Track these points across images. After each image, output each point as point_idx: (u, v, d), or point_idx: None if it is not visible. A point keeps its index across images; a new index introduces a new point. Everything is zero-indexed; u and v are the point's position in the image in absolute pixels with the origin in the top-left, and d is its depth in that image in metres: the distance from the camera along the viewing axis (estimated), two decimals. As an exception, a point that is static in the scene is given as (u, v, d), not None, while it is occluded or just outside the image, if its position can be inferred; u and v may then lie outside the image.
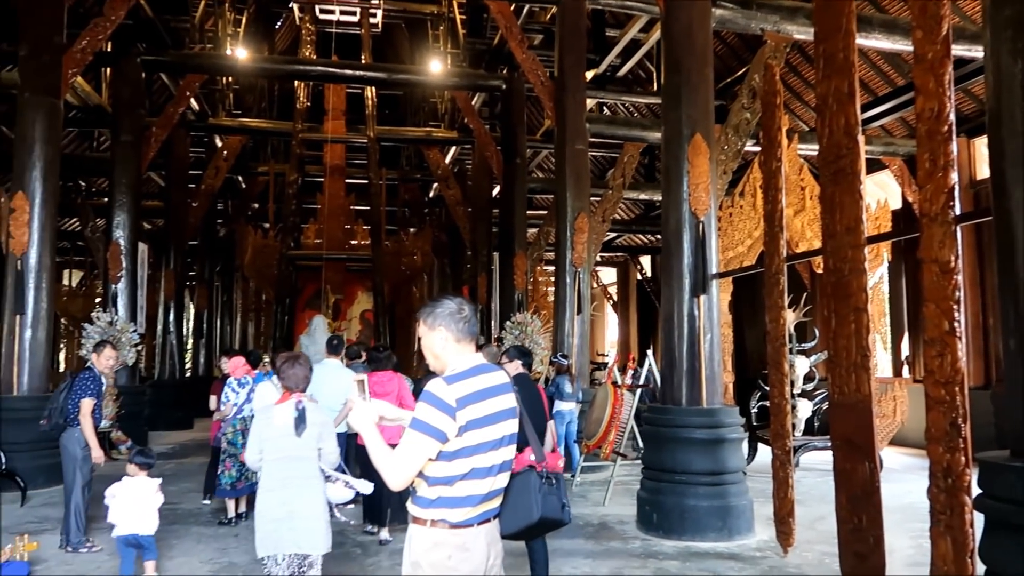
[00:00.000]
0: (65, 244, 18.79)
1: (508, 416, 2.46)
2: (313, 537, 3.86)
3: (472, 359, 2.48)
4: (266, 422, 3.99)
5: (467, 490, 2.37)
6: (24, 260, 8.84)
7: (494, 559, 2.46)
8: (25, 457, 8.13)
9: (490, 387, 2.43)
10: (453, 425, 2.33)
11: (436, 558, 2.37)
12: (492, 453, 2.39)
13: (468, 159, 19.86)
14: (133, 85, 12.47)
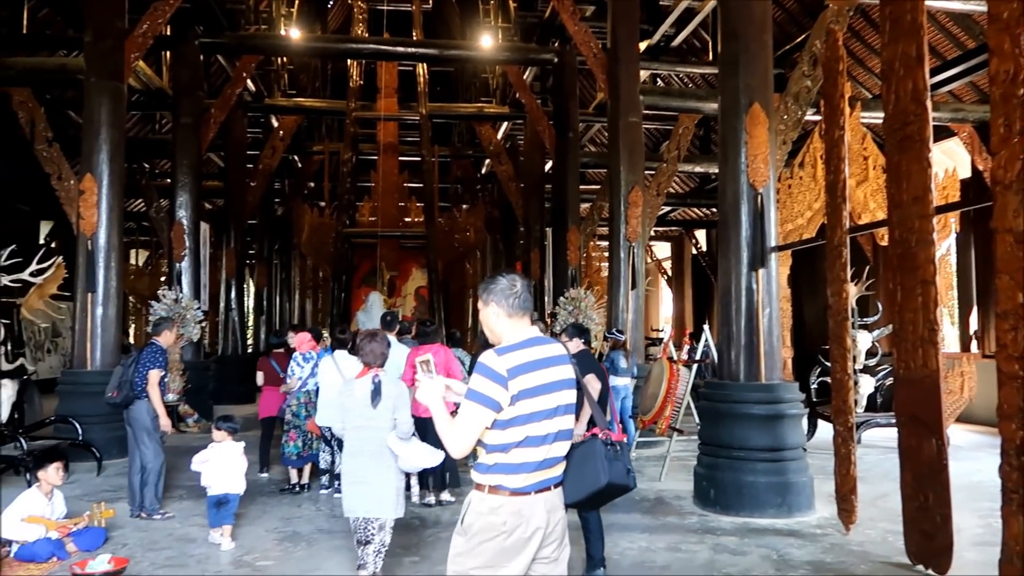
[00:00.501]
0: (131, 225, 19.36)
1: (564, 387, 2.53)
2: (382, 503, 4.13)
3: (525, 332, 2.56)
4: (348, 393, 4.28)
5: (522, 457, 2.45)
6: (94, 240, 9.16)
7: (552, 527, 2.50)
8: (99, 429, 8.49)
9: (543, 358, 2.51)
10: (505, 394, 2.41)
11: (492, 522, 2.44)
12: (547, 422, 2.47)
13: (520, 134, 19.77)
14: (192, 68, 12.73)
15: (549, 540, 2.51)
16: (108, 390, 6.10)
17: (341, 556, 5.15)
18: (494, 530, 2.43)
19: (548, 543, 2.51)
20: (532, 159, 17.08)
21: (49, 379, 13.24)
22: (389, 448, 4.11)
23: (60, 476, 5.53)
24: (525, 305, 2.58)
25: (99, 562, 4.18)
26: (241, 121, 16.23)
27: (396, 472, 4.19)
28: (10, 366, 7.88)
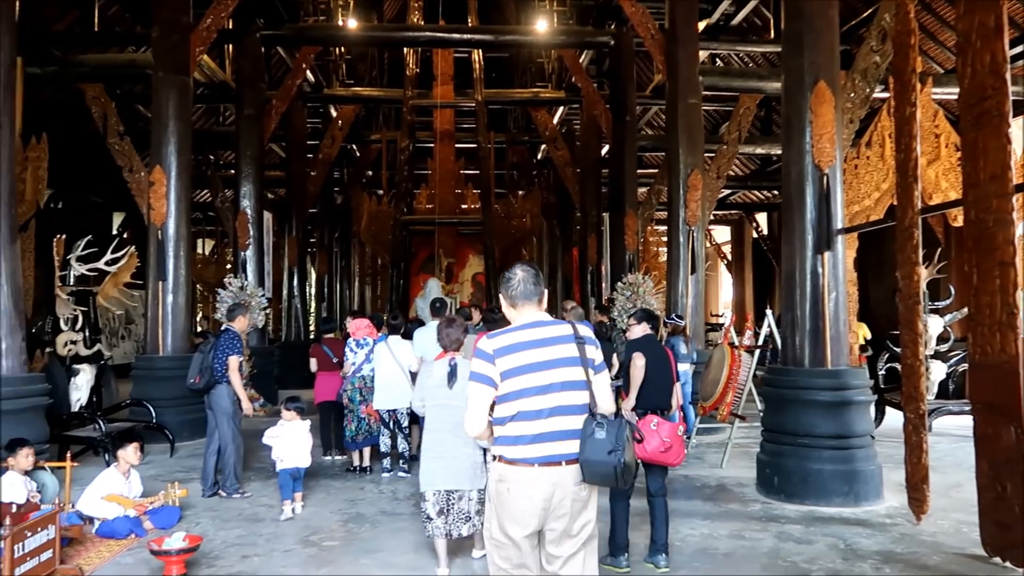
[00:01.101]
0: (198, 215, 19.92)
1: (561, 364, 2.75)
2: (461, 475, 4.44)
3: (528, 316, 2.85)
4: (427, 374, 4.70)
5: (518, 430, 2.72)
6: (164, 230, 9.47)
7: (559, 501, 2.70)
8: (171, 412, 8.81)
9: (535, 339, 2.77)
10: (495, 370, 2.73)
11: (499, 489, 2.76)
12: (539, 397, 2.71)
13: (576, 119, 19.61)
14: (254, 60, 12.99)
15: (556, 513, 2.70)
16: (189, 376, 6.35)
17: (403, 538, 5.24)
18: (500, 496, 2.74)
19: (556, 516, 2.70)
20: (588, 143, 16.94)
21: (123, 364, 13.79)
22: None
23: (137, 456, 5.75)
24: (526, 293, 2.83)
25: (175, 539, 4.33)
26: (301, 112, 16.52)
27: (474, 447, 4.41)
28: (88, 352, 8.22)
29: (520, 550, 2.74)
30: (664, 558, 4.59)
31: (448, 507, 4.46)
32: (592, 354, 2.81)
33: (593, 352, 2.81)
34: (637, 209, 13.74)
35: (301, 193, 16.36)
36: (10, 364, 6.19)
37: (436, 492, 4.46)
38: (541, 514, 2.71)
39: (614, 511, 4.58)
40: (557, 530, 2.73)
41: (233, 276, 11.71)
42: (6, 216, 6.26)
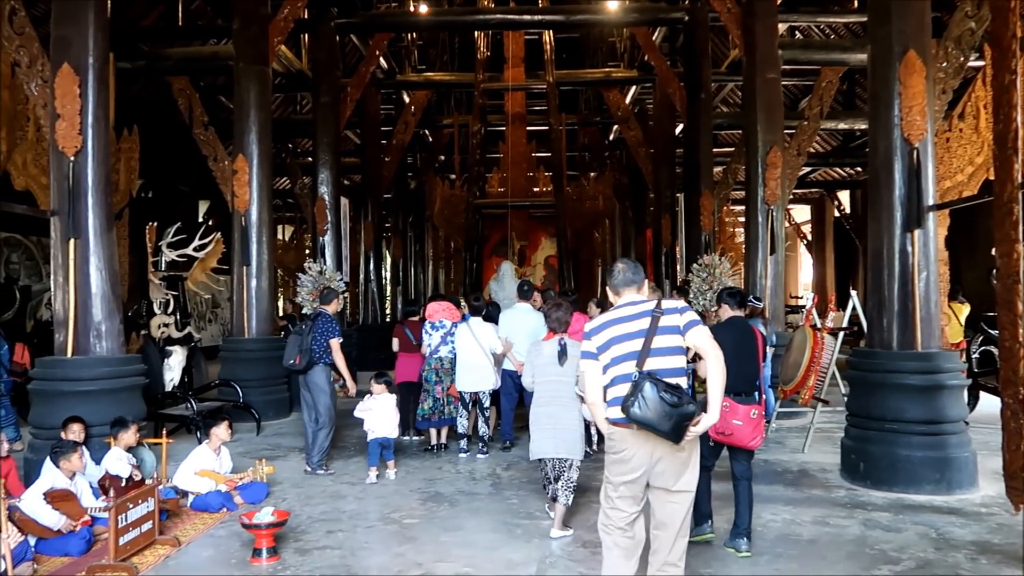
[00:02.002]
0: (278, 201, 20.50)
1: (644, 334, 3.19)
2: (570, 445, 4.88)
3: (625, 299, 3.36)
4: (537, 353, 5.14)
5: (616, 393, 3.18)
6: (247, 216, 9.78)
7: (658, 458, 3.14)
8: (257, 392, 9.14)
9: (623, 316, 3.28)
10: (592, 345, 3.29)
11: (610, 444, 3.27)
12: (628, 363, 3.18)
13: (649, 98, 19.27)
14: (329, 49, 13.22)
15: (657, 470, 3.16)
16: (288, 357, 6.60)
17: (481, 517, 5.31)
18: (611, 450, 3.25)
19: (657, 473, 3.17)
20: (662, 123, 16.64)
21: (211, 346, 14.38)
22: (574, 398, 4.87)
23: (228, 434, 5.99)
24: (625, 281, 3.37)
25: (264, 514, 4.51)
26: (375, 98, 16.76)
27: (580, 419, 4.92)
28: (180, 334, 8.60)
29: (624, 501, 3.22)
30: (746, 542, 4.53)
31: (559, 474, 4.88)
32: (674, 320, 3.21)
33: (675, 319, 3.21)
34: (713, 189, 13.45)
35: (376, 179, 16.62)
36: (109, 345, 6.52)
37: (551, 460, 4.93)
38: (644, 469, 3.16)
39: (741, 494, 4.64)
40: (660, 486, 3.18)
41: (312, 261, 12.02)
42: (103, 205, 6.57)
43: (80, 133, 6.41)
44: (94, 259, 6.46)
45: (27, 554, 4.29)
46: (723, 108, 20.40)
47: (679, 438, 3.06)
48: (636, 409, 3.01)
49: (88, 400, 6.20)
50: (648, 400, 3.00)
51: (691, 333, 3.21)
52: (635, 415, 3.02)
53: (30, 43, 7.00)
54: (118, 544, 4.28)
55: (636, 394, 3.02)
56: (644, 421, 3.03)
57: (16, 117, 9.24)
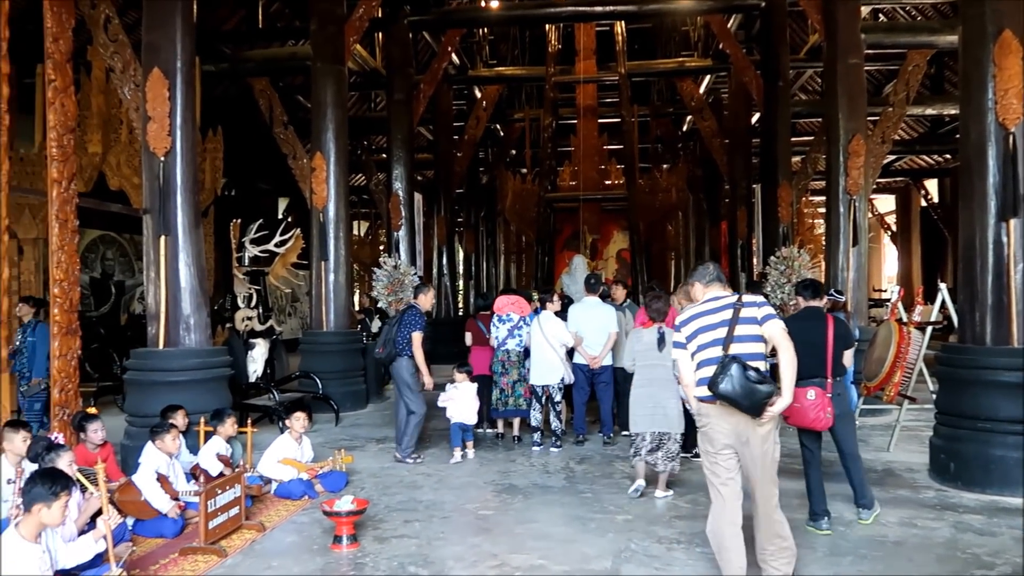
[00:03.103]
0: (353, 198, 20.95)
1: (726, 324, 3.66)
2: (669, 420, 5.55)
3: (711, 295, 3.86)
4: (637, 339, 5.85)
5: (701, 375, 3.68)
6: (324, 213, 10.04)
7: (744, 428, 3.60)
8: (335, 384, 9.39)
9: (707, 310, 3.78)
10: (682, 336, 3.81)
11: (700, 421, 3.78)
12: (711, 349, 3.67)
13: (724, 87, 18.88)
14: (402, 46, 13.42)
15: (742, 439, 3.62)
16: (377, 346, 6.90)
17: (555, 510, 5.33)
18: (701, 424, 3.76)
19: (742, 442, 3.63)
20: (737, 112, 16.28)
21: (290, 339, 14.81)
22: (671, 380, 5.41)
23: (304, 424, 6.16)
24: (709, 278, 3.91)
25: (344, 502, 4.63)
26: (447, 94, 16.93)
27: (677, 398, 5.46)
28: (262, 327, 8.89)
29: (720, 464, 3.71)
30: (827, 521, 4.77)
31: (659, 446, 5.55)
32: (753, 312, 3.67)
33: (754, 311, 3.67)
34: (791, 179, 13.07)
35: (448, 174, 16.80)
36: (197, 338, 6.80)
37: (652, 434, 5.55)
38: (731, 439, 3.65)
39: (809, 476, 4.85)
40: (746, 454, 3.66)
41: (387, 255, 12.23)
42: (190, 203, 6.84)
43: (169, 134, 6.67)
44: (183, 255, 6.74)
45: (125, 535, 4.52)
46: (801, 96, 19.81)
47: (759, 413, 3.53)
48: (724, 386, 3.48)
49: (178, 390, 6.47)
50: (734, 379, 3.47)
51: (767, 325, 3.67)
52: (723, 391, 3.49)
53: (123, 49, 7.35)
54: (208, 528, 4.47)
55: (724, 373, 3.49)
56: (730, 396, 3.49)
57: (110, 121, 9.73)
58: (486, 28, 17.57)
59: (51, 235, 6.05)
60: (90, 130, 9.42)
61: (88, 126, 9.32)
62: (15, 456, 4.61)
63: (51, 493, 3.32)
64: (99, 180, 9.86)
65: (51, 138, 6.05)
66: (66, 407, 5.98)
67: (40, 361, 7.29)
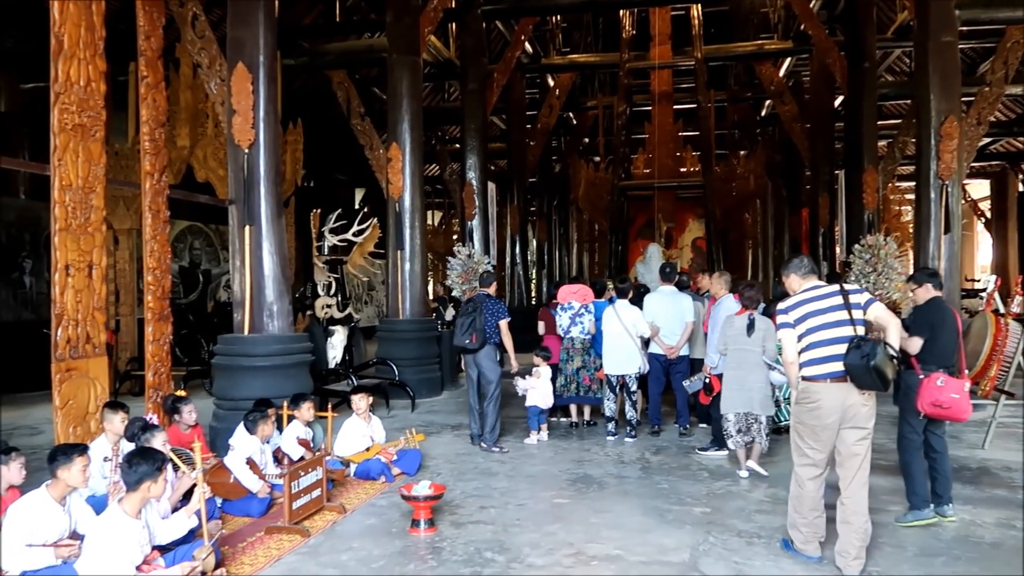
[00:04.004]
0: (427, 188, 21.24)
1: (831, 310, 4.00)
2: (758, 402, 5.84)
3: (808, 284, 4.18)
4: (729, 325, 6.01)
5: (810, 355, 4.01)
6: (400, 202, 10.19)
7: (848, 405, 3.90)
8: (411, 371, 9.54)
9: (812, 297, 4.09)
10: (790, 318, 4.10)
11: (800, 398, 4.07)
12: (822, 332, 3.98)
13: (805, 70, 18.28)
14: (476, 36, 13.45)
15: (849, 415, 3.91)
16: (463, 337, 6.81)
17: (631, 501, 5.28)
18: (804, 401, 4.03)
19: (851, 418, 3.91)
20: (819, 96, 15.75)
21: (366, 327, 15.12)
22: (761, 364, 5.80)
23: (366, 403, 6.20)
24: (806, 270, 4.24)
25: (422, 487, 4.69)
26: (520, 83, 16.93)
27: (766, 381, 5.83)
28: (341, 314, 9.10)
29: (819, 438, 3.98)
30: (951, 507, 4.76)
31: (747, 427, 5.87)
32: (856, 299, 4.00)
33: (857, 298, 4.00)
34: (877, 164, 12.58)
35: (521, 163, 16.81)
36: (280, 324, 7.01)
37: (736, 414, 5.86)
38: (837, 415, 3.90)
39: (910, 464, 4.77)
40: (852, 426, 3.91)
41: (461, 245, 12.34)
42: (273, 194, 7.04)
43: (253, 127, 6.88)
44: (266, 244, 6.94)
45: (214, 513, 4.70)
46: (888, 77, 18.98)
47: (887, 387, 3.86)
48: (877, 359, 3.72)
49: (262, 375, 6.70)
50: (878, 354, 3.73)
51: (871, 309, 4.00)
52: (875, 363, 3.72)
53: (209, 45, 7.61)
54: (292, 508, 4.61)
55: (852, 352, 3.80)
56: (856, 371, 3.78)
57: (197, 115, 10.11)
58: (559, 15, 17.44)
59: (144, 225, 6.33)
60: (179, 125, 9.81)
61: (177, 121, 9.71)
62: (113, 435, 4.86)
63: (155, 469, 3.49)
64: (187, 172, 10.27)
65: (144, 132, 6.32)
66: (159, 389, 6.26)
67: None
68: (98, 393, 5.44)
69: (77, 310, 5.32)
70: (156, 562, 3.63)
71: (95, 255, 5.47)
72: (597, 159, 20.51)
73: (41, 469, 4.61)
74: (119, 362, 10.47)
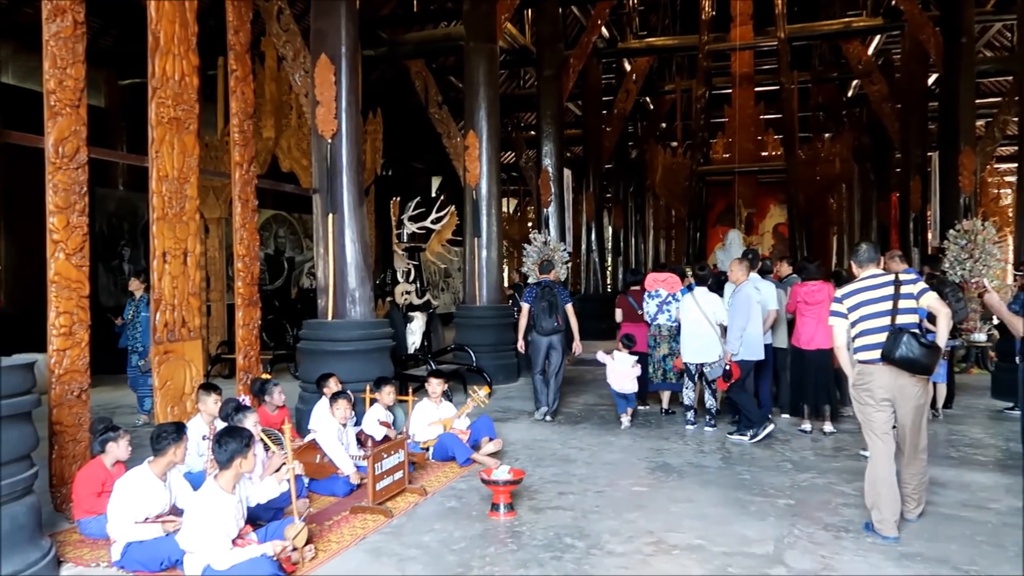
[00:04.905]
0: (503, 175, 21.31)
1: (886, 299, 4.24)
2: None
3: (868, 272, 4.42)
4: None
5: (863, 341, 4.29)
6: (477, 190, 10.26)
7: (901, 387, 4.18)
8: (488, 357, 9.62)
9: (869, 285, 4.35)
10: (843, 307, 4.40)
11: (859, 380, 4.34)
12: (873, 320, 4.25)
13: (895, 47, 17.45)
14: (552, 22, 13.39)
15: (903, 395, 4.20)
16: (551, 321, 7.44)
17: (712, 491, 5.20)
18: (860, 383, 4.31)
19: (904, 396, 4.21)
20: (911, 74, 15.01)
21: (443, 314, 15.33)
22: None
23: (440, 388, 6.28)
24: (870, 259, 4.45)
25: (501, 472, 4.74)
26: (596, 68, 16.74)
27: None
28: (420, 301, 9.25)
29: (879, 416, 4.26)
30: None
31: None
32: (910, 288, 4.24)
33: (911, 287, 4.24)
34: (974, 145, 11.94)
35: (597, 149, 16.67)
36: (362, 310, 7.17)
37: None
38: (890, 394, 4.20)
39: None
40: (902, 406, 4.23)
41: (536, 232, 12.34)
42: (355, 183, 7.20)
43: (336, 117, 7.04)
44: (349, 232, 7.11)
45: (302, 491, 4.87)
46: (987, 53, 17.96)
47: (931, 372, 4.15)
48: (901, 350, 4.05)
49: (344, 359, 6.88)
50: (910, 345, 4.03)
51: (924, 298, 4.24)
52: (900, 355, 4.05)
53: (294, 38, 7.81)
54: (375, 489, 4.73)
55: (899, 340, 4.06)
56: (905, 358, 4.05)
57: (281, 107, 10.40)
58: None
59: (234, 214, 6.57)
60: (264, 116, 10.12)
61: (262, 112, 10.01)
62: (208, 416, 5.08)
63: (244, 445, 3.65)
64: (272, 163, 10.59)
65: (233, 124, 6.55)
66: (249, 372, 6.51)
67: None
68: (193, 375, 5.70)
69: (174, 295, 5.57)
70: (248, 537, 3.79)
71: (190, 243, 5.71)
72: (674, 144, 20.10)
73: (141, 446, 4.88)
74: (210, 346, 10.92)
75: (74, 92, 4.70)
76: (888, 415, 4.27)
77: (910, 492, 4.40)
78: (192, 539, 3.55)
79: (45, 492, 4.49)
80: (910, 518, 4.40)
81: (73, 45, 4.70)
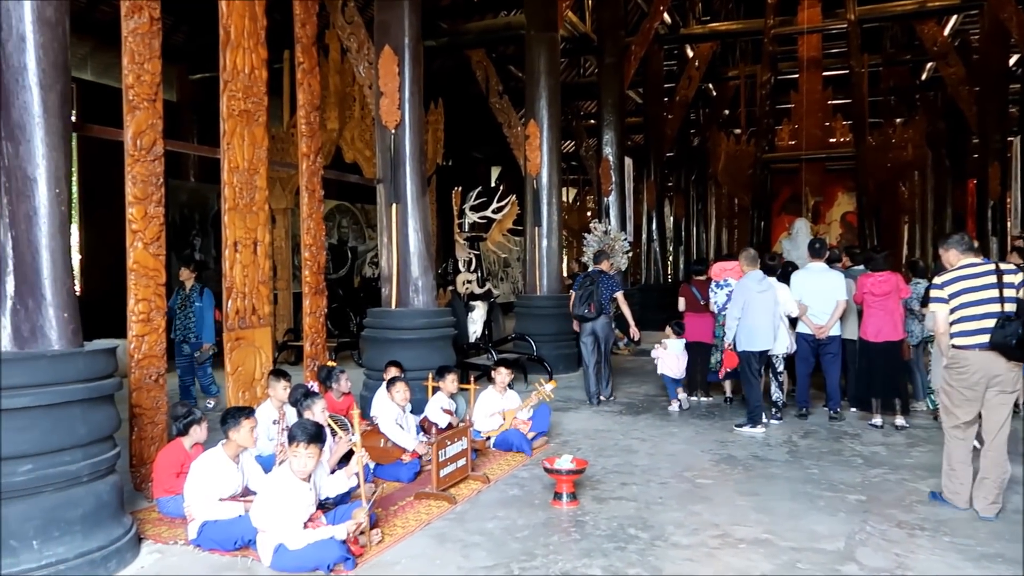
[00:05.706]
0: (562, 164, 21.22)
1: (985, 288, 4.40)
2: None
3: (965, 261, 4.55)
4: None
5: (960, 327, 4.44)
6: (538, 180, 10.24)
7: (995, 373, 4.34)
8: (549, 347, 9.63)
9: (967, 274, 4.49)
10: (944, 293, 4.53)
11: (950, 364, 4.51)
12: (974, 307, 4.39)
13: (973, 28, 16.72)
14: (613, 8, 13.24)
15: (995, 381, 4.35)
16: (582, 307, 7.64)
17: (778, 485, 5.10)
18: (954, 368, 4.47)
19: (996, 383, 4.35)
20: (990, 55, 14.36)
21: (503, 303, 15.39)
22: None
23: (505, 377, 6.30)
24: (966, 247, 4.61)
25: (564, 461, 4.74)
26: (658, 55, 16.51)
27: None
28: (481, 290, 9.30)
29: (969, 400, 4.42)
30: None
31: None
32: (1011, 279, 4.38)
33: (1012, 278, 4.38)
34: (1061, 128, 11.36)
35: (658, 137, 16.46)
36: (424, 299, 7.25)
37: None
38: (985, 380, 4.35)
39: None
40: (998, 390, 4.37)
41: (597, 221, 12.26)
42: (418, 173, 7.27)
43: (399, 108, 7.11)
44: (412, 221, 7.19)
45: (368, 476, 4.95)
46: (1074, 31, 17.03)
47: None
48: (1001, 337, 4.22)
49: (408, 347, 6.97)
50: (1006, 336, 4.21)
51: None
52: (996, 341, 4.24)
53: (358, 30, 7.91)
54: (439, 476, 4.78)
55: (998, 331, 4.24)
56: (1005, 345, 4.22)
57: (345, 99, 10.55)
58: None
59: (301, 204, 6.70)
60: (328, 108, 10.29)
61: (326, 104, 10.18)
62: (278, 401, 5.22)
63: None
64: (336, 154, 10.77)
65: (300, 116, 6.67)
66: (316, 359, 6.66)
67: (210, 326, 7.61)
68: (263, 361, 5.85)
69: (244, 284, 5.73)
70: (319, 520, 3.88)
71: (259, 232, 5.86)
72: (738, 131, 19.68)
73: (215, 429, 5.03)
74: (276, 333, 11.20)
75: (151, 87, 4.86)
76: (974, 399, 4.41)
77: (989, 486, 4.41)
78: (266, 519, 3.66)
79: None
80: (988, 516, 4.36)
81: (150, 41, 4.85)
